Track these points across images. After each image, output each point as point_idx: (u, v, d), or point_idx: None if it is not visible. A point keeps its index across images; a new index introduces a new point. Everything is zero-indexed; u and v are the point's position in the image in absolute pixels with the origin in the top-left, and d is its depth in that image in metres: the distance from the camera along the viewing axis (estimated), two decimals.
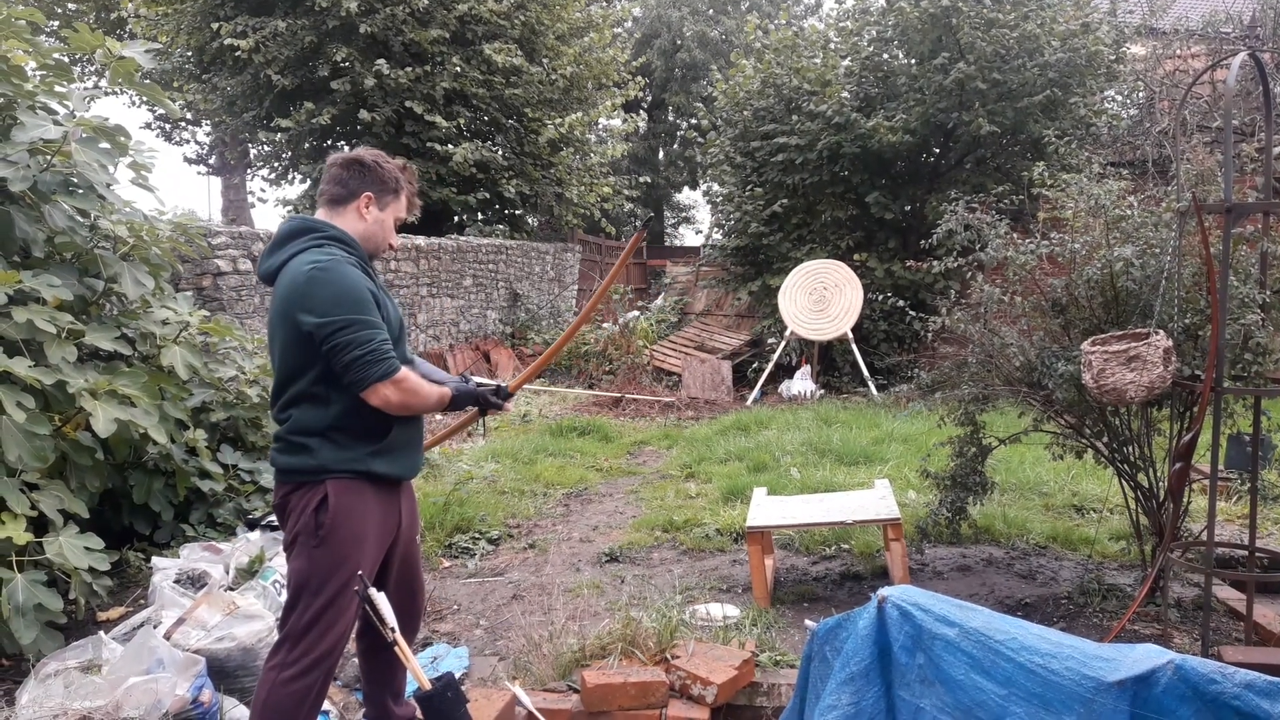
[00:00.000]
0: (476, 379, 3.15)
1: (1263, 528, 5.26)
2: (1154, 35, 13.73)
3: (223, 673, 3.42)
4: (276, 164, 17.48)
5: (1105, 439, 4.35)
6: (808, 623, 2.53)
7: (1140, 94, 13.25)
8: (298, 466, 2.63)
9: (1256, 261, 3.87)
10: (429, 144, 14.59)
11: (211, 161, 26.54)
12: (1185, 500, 3.95)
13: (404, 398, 2.61)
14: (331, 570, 2.60)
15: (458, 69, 14.68)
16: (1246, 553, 3.81)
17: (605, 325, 13.82)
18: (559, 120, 16.22)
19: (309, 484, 2.62)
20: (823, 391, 11.71)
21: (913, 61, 12.02)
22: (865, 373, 11.33)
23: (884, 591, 2.27)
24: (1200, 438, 3.62)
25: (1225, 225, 3.41)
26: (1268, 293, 3.79)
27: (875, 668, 2.18)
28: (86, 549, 3.80)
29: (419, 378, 2.70)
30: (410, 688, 3.11)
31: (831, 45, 13.02)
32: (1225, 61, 3.68)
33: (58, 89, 4.56)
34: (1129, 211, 4.31)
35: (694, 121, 25.83)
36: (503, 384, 3.01)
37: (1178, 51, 13.26)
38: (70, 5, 21.61)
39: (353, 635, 3.08)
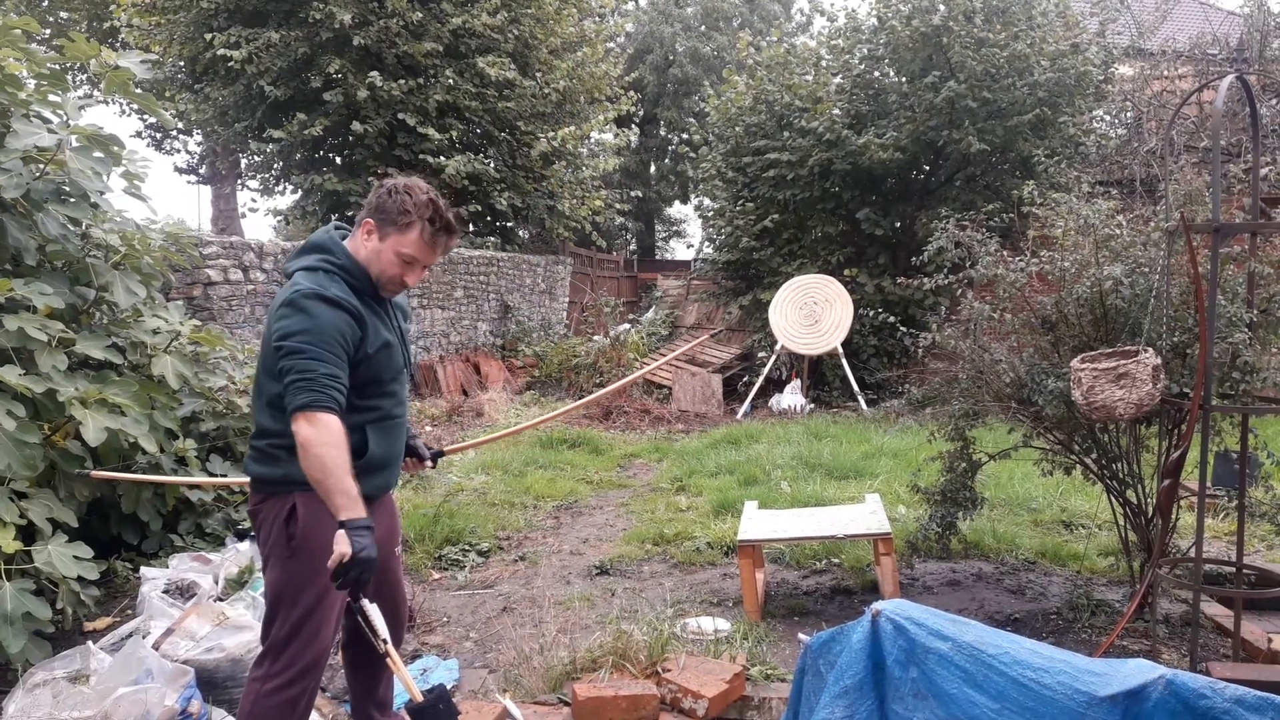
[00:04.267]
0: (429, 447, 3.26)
1: (1250, 545, 5.29)
2: (1142, 56, 13.88)
3: (211, 683, 3.40)
4: (268, 174, 17.46)
5: (1094, 455, 4.38)
6: (801, 636, 2.54)
7: (1128, 114, 13.39)
8: (266, 476, 2.64)
9: (1244, 281, 3.91)
10: (421, 156, 14.60)
11: (202, 171, 26.47)
12: (1173, 517, 3.97)
13: (313, 436, 2.42)
14: (306, 581, 2.59)
15: (451, 82, 14.71)
16: (1234, 569, 3.83)
17: (596, 338, 13.83)
18: (551, 134, 16.26)
19: (278, 494, 2.62)
20: (813, 406, 11.74)
21: (904, 80, 12.12)
22: (855, 387, 11.37)
23: (878, 605, 2.28)
24: (1188, 455, 3.65)
25: (1213, 245, 3.44)
26: (1255, 311, 3.83)
27: (869, 681, 2.18)
28: (75, 558, 3.77)
29: (341, 436, 2.48)
30: (400, 699, 3.10)
31: (823, 63, 13.12)
32: (1213, 83, 3.73)
33: (52, 97, 4.56)
34: (1118, 230, 4.35)
35: (686, 136, 25.96)
36: (440, 451, 3.25)
37: (1165, 72, 13.41)
38: (62, 14, 21.59)
39: (339, 647, 3.08)
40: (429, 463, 3.17)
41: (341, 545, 2.38)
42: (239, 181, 25.09)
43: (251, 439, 2.72)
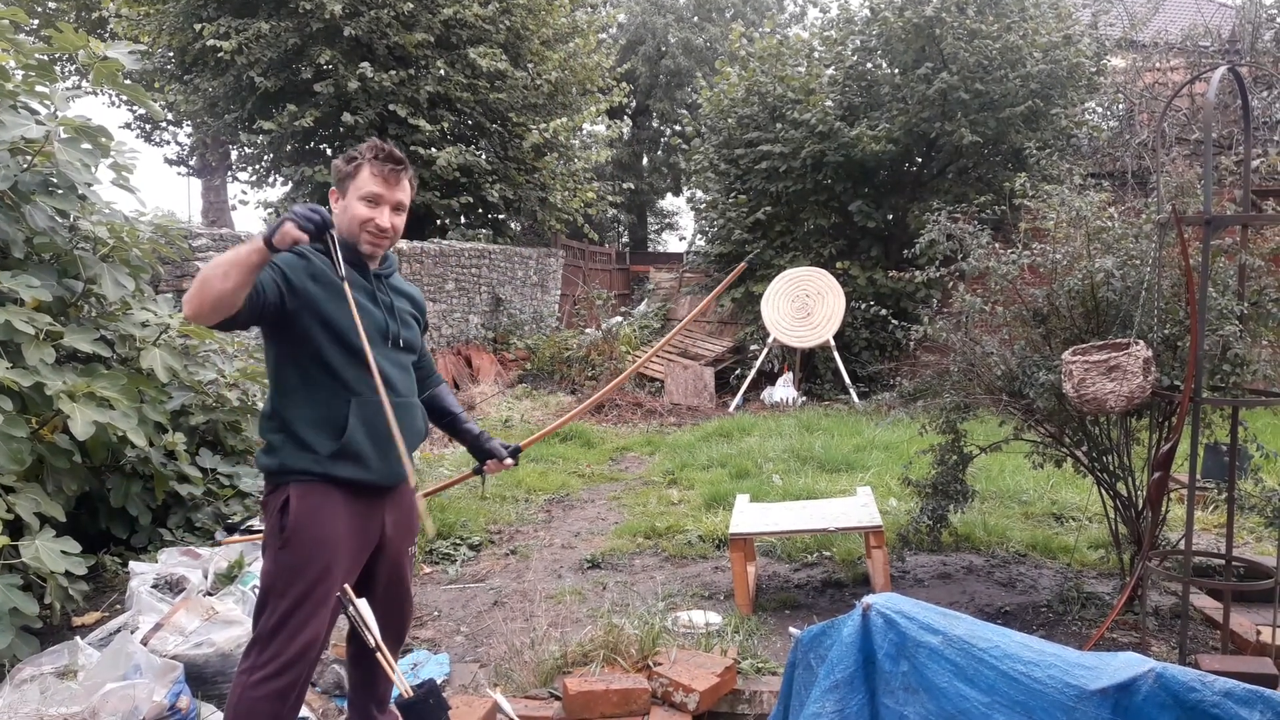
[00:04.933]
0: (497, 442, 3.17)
1: (1239, 537, 5.31)
2: (1134, 48, 13.89)
3: (201, 679, 3.39)
4: (258, 166, 17.38)
5: (1085, 448, 4.38)
6: (792, 630, 2.53)
7: (1120, 106, 13.40)
8: (267, 466, 2.67)
9: (1235, 273, 3.91)
10: (412, 147, 14.54)
11: (192, 163, 26.32)
12: (1163, 509, 3.98)
13: (194, 285, 2.33)
14: (295, 573, 2.58)
15: (442, 73, 14.65)
16: (1223, 562, 3.84)
17: (588, 331, 13.81)
18: (543, 125, 16.21)
19: (278, 486, 2.64)
20: (805, 399, 11.75)
21: (896, 71, 12.11)
22: (847, 380, 11.37)
23: (869, 599, 2.28)
24: (1179, 447, 3.65)
25: (1204, 237, 3.44)
26: (1246, 304, 3.83)
27: (860, 675, 2.18)
28: (63, 553, 3.75)
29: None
30: (394, 695, 3.09)
31: (816, 54, 13.10)
32: (1205, 75, 3.73)
33: (39, 88, 4.52)
34: (1110, 223, 4.35)
35: (678, 128, 25.92)
36: (518, 446, 3.13)
37: (1157, 64, 13.42)
38: (50, 4, 21.42)
39: (343, 639, 3.07)
40: (510, 460, 3.15)
41: (283, 232, 2.33)
42: (229, 173, 25.00)
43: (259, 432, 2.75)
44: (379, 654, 2.59)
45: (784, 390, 11.75)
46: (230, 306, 2.37)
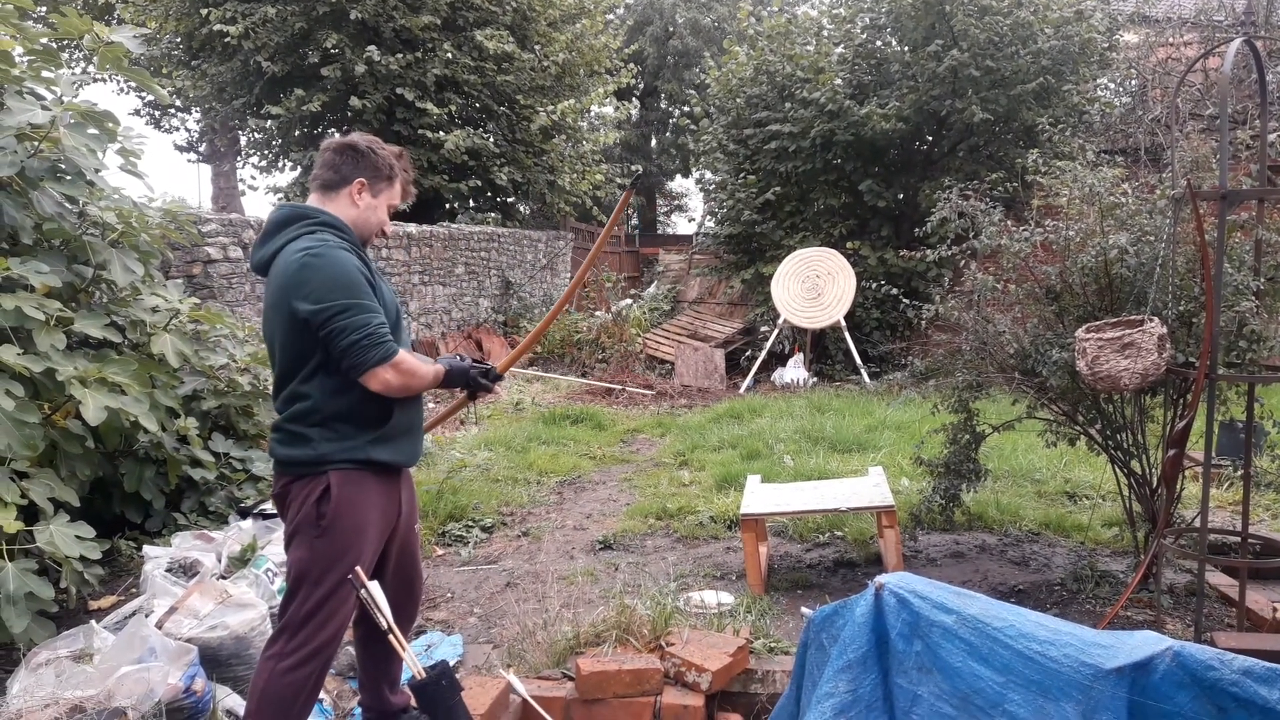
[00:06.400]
0: (469, 360, 3.15)
1: (1254, 514, 5.28)
2: (1147, 23, 13.72)
3: (215, 661, 3.40)
4: (267, 151, 17.38)
5: (1098, 426, 4.36)
6: (804, 610, 2.52)
7: (1133, 82, 13.26)
8: (298, 458, 2.61)
9: (1251, 248, 3.87)
10: (420, 131, 14.52)
11: (201, 149, 26.35)
12: (1178, 487, 3.96)
13: (403, 379, 2.59)
14: (333, 561, 2.59)
15: (449, 55, 14.59)
16: (1239, 539, 3.82)
17: (598, 313, 13.80)
18: (551, 107, 16.15)
19: (310, 475, 2.60)
20: (815, 379, 11.72)
21: (906, 49, 12.00)
22: (858, 360, 11.34)
23: (882, 578, 2.26)
24: (1194, 425, 3.62)
25: (1220, 212, 3.40)
26: (1262, 280, 3.79)
27: (873, 655, 2.17)
28: (77, 537, 3.77)
29: (415, 358, 2.67)
30: (405, 675, 3.10)
31: (825, 32, 12.99)
32: (1219, 49, 3.68)
33: (45, 74, 4.51)
34: (1123, 199, 4.30)
35: (687, 109, 25.78)
36: (491, 366, 3.01)
37: (1170, 39, 13.26)
38: None
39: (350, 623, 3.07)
40: (494, 386, 3.14)
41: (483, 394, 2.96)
42: (239, 159, 25.01)
43: (277, 423, 2.68)
44: (391, 636, 2.60)
45: (795, 371, 11.72)
46: None
